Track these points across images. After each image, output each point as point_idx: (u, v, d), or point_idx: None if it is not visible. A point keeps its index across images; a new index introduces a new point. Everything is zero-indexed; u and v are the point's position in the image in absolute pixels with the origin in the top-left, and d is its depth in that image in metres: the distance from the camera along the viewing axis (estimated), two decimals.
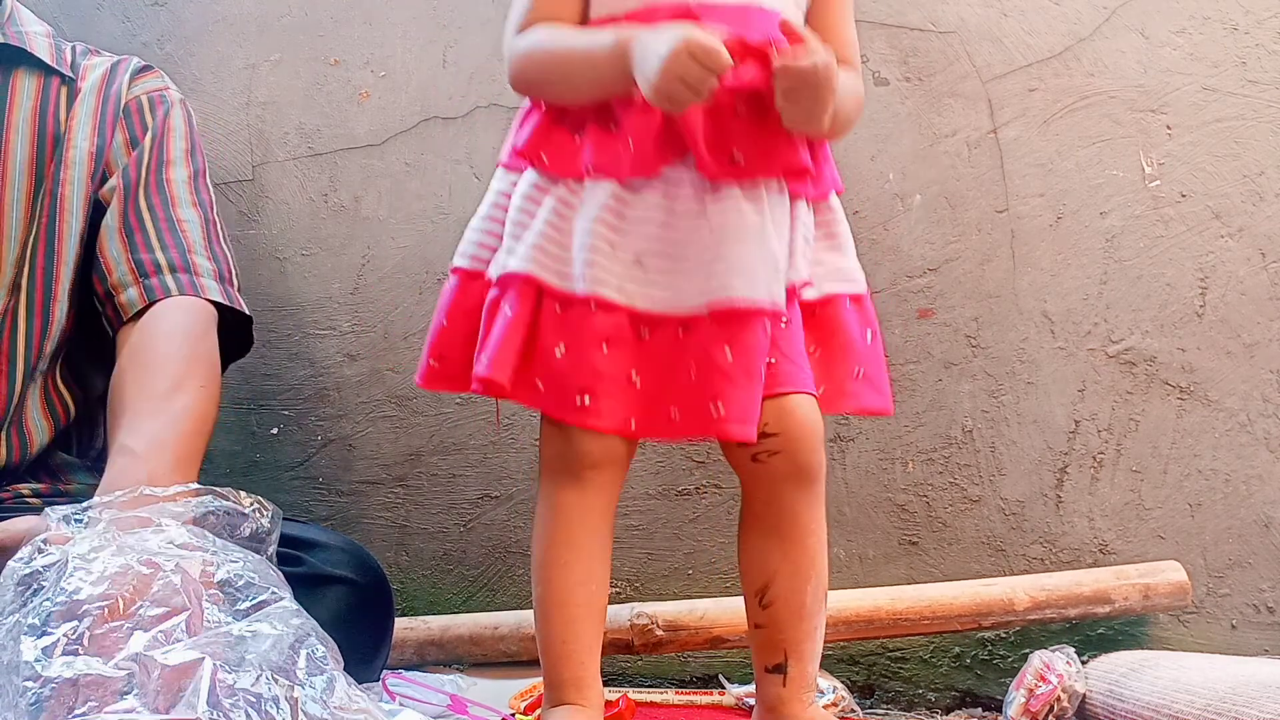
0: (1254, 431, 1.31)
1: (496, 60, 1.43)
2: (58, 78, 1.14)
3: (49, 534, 0.72)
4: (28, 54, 1.13)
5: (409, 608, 1.38)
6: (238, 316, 1.14)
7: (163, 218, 1.12)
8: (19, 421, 1.07)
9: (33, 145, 1.10)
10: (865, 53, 1.38)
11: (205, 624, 0.67)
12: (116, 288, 1.08)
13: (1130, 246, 1.34)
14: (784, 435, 0.91)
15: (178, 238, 1.11)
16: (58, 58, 1.15)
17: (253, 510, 0.79)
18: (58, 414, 1.10)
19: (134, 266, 1.08)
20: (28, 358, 1.07)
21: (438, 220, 1.42)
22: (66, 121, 1.13)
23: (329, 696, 0.67)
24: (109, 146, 1.14)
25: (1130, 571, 1.26)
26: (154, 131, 1.16)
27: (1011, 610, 1.24)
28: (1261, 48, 1.33)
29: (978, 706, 1.30)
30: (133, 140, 1.15)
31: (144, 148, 1.14)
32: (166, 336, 1.04)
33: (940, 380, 1.35)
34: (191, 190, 1.15)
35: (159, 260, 1.09)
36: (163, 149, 1.16)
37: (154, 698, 0.61)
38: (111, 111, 1.15)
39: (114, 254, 1.09)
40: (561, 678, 0.92)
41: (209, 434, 1.01)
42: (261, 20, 1.46)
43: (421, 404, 1.41)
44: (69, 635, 0.63)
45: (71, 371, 1.13)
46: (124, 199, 1.12)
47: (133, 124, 1.16)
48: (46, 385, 1.10)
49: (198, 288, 1.08)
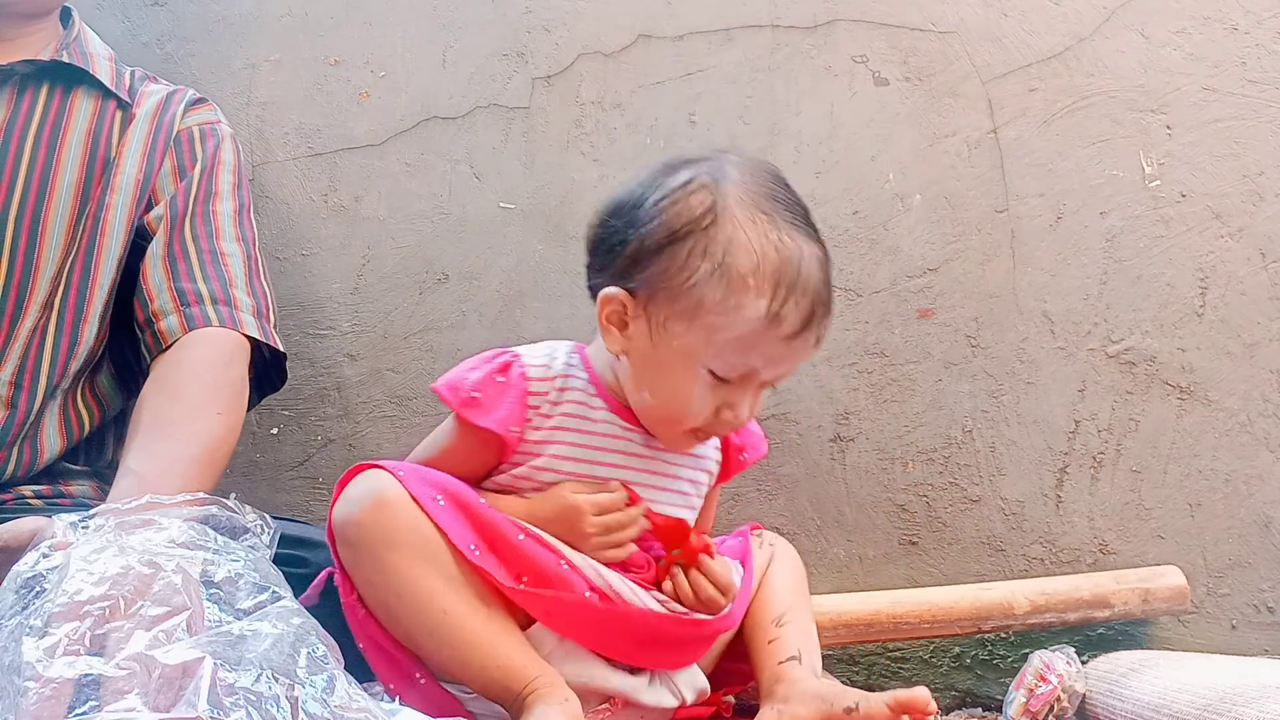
0: (1254, 431, 1.31)
1: (497, 60, 1.43)
2: (114, 101, 1.16)
3: (53, 540, 0.72)
4: (89, 75, 1.15)
5: None
6: (273, 352, 1.15)
7: (206, 249, 1.13)
8: (34, 436, 1.07)
9: (82, 167, 1.12)
10: (865, 53, 1.38)
11: (206, 623, 0.67)
12: (157, 315, 1.09)
13: (1130, 246, 1.34)
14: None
15: (220, 270, 1.12)
16: (117, 82, 1.18)
17: (254, 524, 0.79)
18: (73, 432, 1.11)
19: (176, 295, 1.10)
20: (51, 375, 1.08)
21: (438, 220, 1.42)
22: (118, 146, 1.14)
23: (329, 695, 0.67)
24: (156, 174, 1.15)
25: (1130, 576, 1.26)
26: (203, 163, 1.18)
27: (1011, 614, 1.24)
28: (1261, 48, 1.33)
29: (978, 706, 1.30)
30: (180, 169, 1.16)
31: (193, 179, 1.16)
32: (193, 364, 1.05)
33: (940, 380, 1.35)
34: (236, 224, 1.17)
35: (200, 291, 1.10)
36: (211, 181, 1.18)
37: (155, 696, 0.61)
38: (163, 140, 1.17)
39: (156, 281, 1.11)
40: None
41: (222, 462, 1.02)
42: (261, 20, 1.45)
43: (421, 404, 1.40)
44: (70, 636, 0.63)
45: (93, 391, 1.14)
46: (170, 228, 1.13)
47: (182, 154, 1.18)
48: (66, 403, 1.11)
49: (236, 321, 1.10)
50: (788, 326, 0.90)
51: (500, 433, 0.96)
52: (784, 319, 0.90)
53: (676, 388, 0.94)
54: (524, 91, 1.42)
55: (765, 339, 0.90)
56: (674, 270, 0.91)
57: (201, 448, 0.99)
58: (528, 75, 1.42)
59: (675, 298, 0.92)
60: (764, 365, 0.93)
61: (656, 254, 0.92)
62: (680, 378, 0.93)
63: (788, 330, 0.90)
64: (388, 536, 0.89)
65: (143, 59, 1.36)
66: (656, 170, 0.97)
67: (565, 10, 1.42)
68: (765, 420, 1.36)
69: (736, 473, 1.11)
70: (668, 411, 0.96)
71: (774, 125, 1.39)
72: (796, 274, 0.90)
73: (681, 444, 1.00)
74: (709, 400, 0.94)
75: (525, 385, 0.99)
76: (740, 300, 0.89)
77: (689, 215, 0.92)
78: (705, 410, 0.94)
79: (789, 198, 0.95)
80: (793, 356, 0.93)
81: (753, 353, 0.91)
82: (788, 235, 0.91)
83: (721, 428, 0.97)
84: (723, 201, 0.92)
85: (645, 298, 0.94)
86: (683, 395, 0.94)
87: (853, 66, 1.38)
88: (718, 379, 0.93)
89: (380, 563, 0.89)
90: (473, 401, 0.97)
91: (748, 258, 0.90)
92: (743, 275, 0.89)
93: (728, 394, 0.94)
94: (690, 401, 0.94)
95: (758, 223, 0.91)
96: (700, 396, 0.93)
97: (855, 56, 1.39)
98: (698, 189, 0.93)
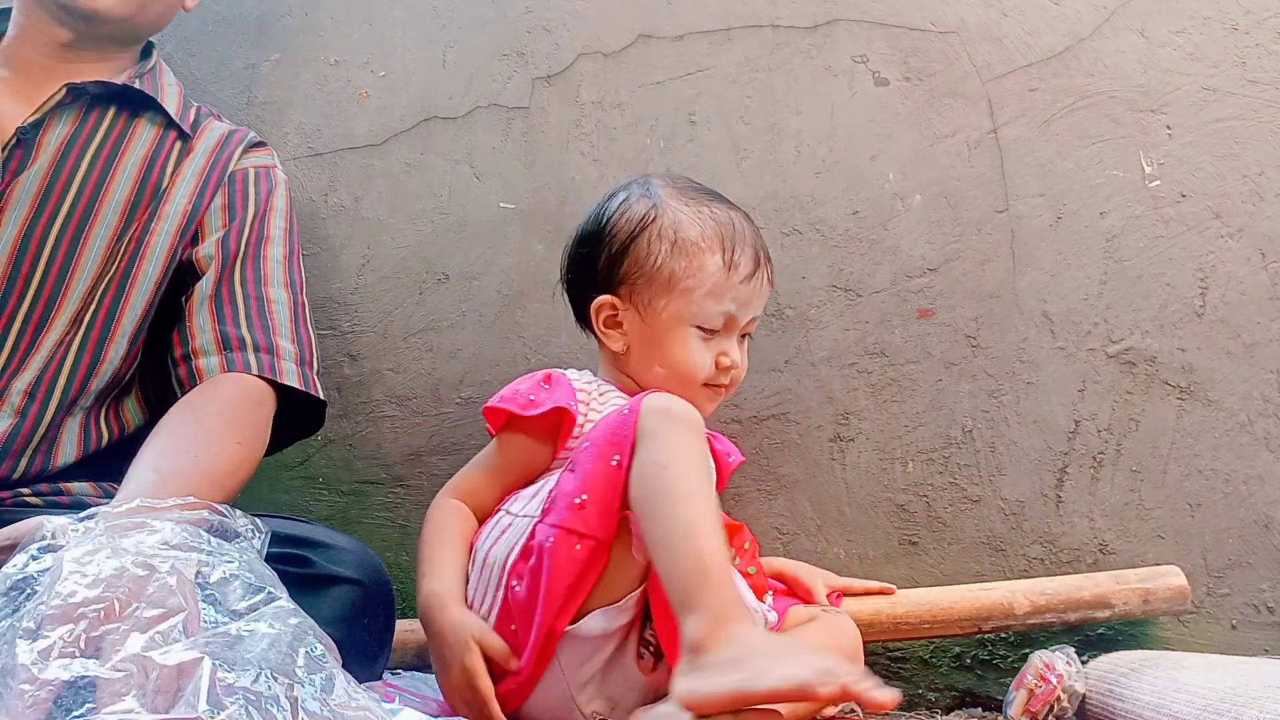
0: (1254, 431, 1.31)
1: (497, 60, 1.43)
2: (175, 131, 1.18)
3: (43, 542, 0.72)
4: (155, 102, 1.17)
5: (409, 607, 1.38)
6: (310, 399, 1.16)
7: (254, 295, 1.14)
8: (48, 448, 1.08)
9: (133, 189, 1.13)
10: (865, 53, 1.38)
11: (202, 624, 0.67)
12: (197, 353, 1.10)
13: (1130, 246, 1.33)
14: None
15: (265, 318, 1.13)
16: (183, 115, 1.19)
17: (245, 529, 0.79)
18: (90, 446, 1.11)
19: (219, 338, 1.10)
20: (67, 390, 1.08)
21: (438, 220, 1.42)
22: (172, 176, 1.16)
23: (328, 694, 0.67)
24: (205, 209, 1.16)
25: (1130, 576, 1.26)
26: (257, 207, 1.19)
27: (1011, 615, 1.24)
28: (1261, 48, 1.33)
29: (978, 706, 1.30)
30: (230, 207, 1.17)
31: (245, 222, 1.17)
32: (220, 397, 1.06)
33: (940, 380, 1.35)
34: (286, 270, 1.18)
35: (244, 337, 1.11)
36: (264, 226, 1.18)
37: (152, 698, 0.61)
38: (216, 177, 1.18)
39: (201, 322, 1.11)
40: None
41: (234, 489, 1.01)
42: (261, 20, 1.46)
43: (421, 404, 1.41)
44: (65, 638, 0.63)
45: (117, 413, 1.14)
46: (220, 270, 1.14)
47: (234, 192, 1.19)
48: (88, 420, 1.11)
49: (276, 370, 1.10)
50: (743, 269, 1.12)
51: (565, 405, 1.07)
52: (738, 265, 1.12)
53: (678, 350, 1.12)
54: (524, 91, 1.42)
55: (730, 285, 1.11)
56: (642, 260, 1.12)
57: (215, 468, 0.98)
58: (528, 75, 1.42)
59: (651, 280, 1.12)
60: (737, 308, 1.12)
61: (624, 254, 1.13)
62: (678, 341, 1.12)
63: (744, 273, 1.12)
64: (688, 417, 0.97)
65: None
66: (600, 203, 1.19)
67: (565, 10, 1.42)
68: (765, 420, 1.36)
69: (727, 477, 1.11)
70: (679, 372, 1.12)
71: (774, 125, 1.39)
72: (733, 229, 1.13)
73: (701, 402, 1.11)
74: (706, 352, 1.12)
75: (570, 383, 1.11)
76: (700, 261, 1.11)
77: (638, 217, 1.13)
78: (706, 361, 1.12)
79: (704, 189, 1.18)
80: (755, 296, 1.14)
81: (725, 299, 1.11)
82: (715, 207, 1.14)
83: (724, 376, 1.14)
84: (658, 199, 1.14)
85: (628, 292, 1.13)
86: (684, 354, 1.12)
87: (853, 66, 1.38)
88: (707, 332, 1.12)
89: (689, 434, 0.96)
90: (530, 403, 1.10)
91: (694, 228, 1.12)
92: (694, 242, 1.11)
93: (719, 344, 1.13)
94: (692, 356, 1.12)
95: (690, 204, 1.14)
96: (697, 349, 1.12)
97: (855, 56, 1.39)
98: (637, 198, 1.15)
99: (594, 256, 1.15)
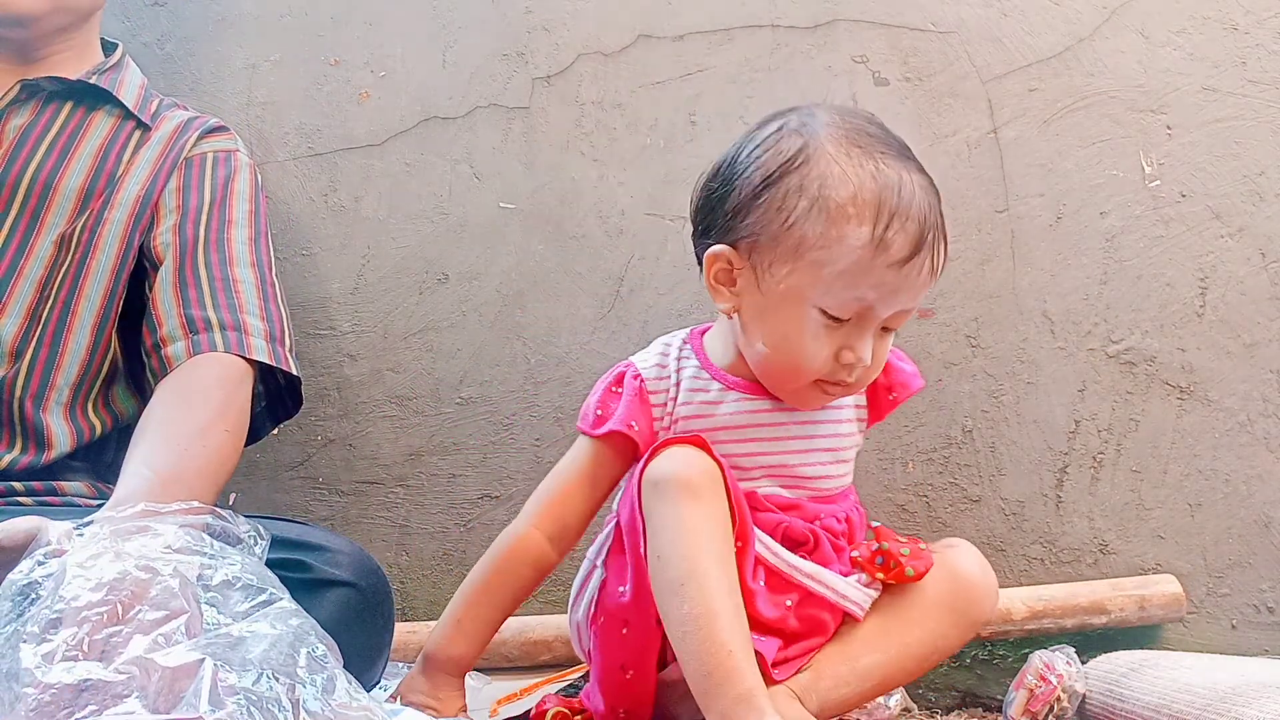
0: (1254, 431, 1.31)
1: (497, 60, 1.43)
2: (133, 121, 1.17)
3: (48, 548, 0.72)
4: (112, 96, 1.16)
5: (409, 608, 1.38)
6: (288, 377, 1.15)
7: (219, 276, 1.13)
8: (37, 442, 1.08)
9: (87, 177, 1.12)
10: (865, 53, 1.38)
11: (204, 626, 0.67)
12: (164, 340, 1.09)
13: (1130, 246, 1.34)
14: None
15: (231, 297, 1.12)
16: (142, 107, 1.19)
17: (247, 535, 0.80)
18: (83, 435, 1.11)
19: (185, 322, 1.10)
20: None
21: (438, 220, 1.42)
22: (127, 164, 1.15)
23: (330, 695, 0.67)
24: (160, 192, 1.15)
25: (1126, 584, 1.27)
26: (214, 193, 1.17)
27: (1009, 620, 1.25)
28: (1261, 48, 1.33)
29: (978, 706, 1.30)
30: (185, 189, 1.16)
31: (204, 207, 1.16)
32: (203, 381, 1.06)
33: (940, 380, 1.35)
34: (252, 250, 1.17)
35: (210, 318, 1.10)
36: (225, 210, 1.17)
37: (155, 700, 0.62)
38: (170, 161, 1.17)
39: (166, 308, 1.11)
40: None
41: (225, 479, 1.02)
42: (261, 20, 1.45)
43: (421, 404, 1.41)
44: (69, 642, 0.64)
45: (107, 404, 1.15)
46: (180, 256, 1.13)
47: (190, 175, 1.18)
48: (74, 412, 1.11)
49: (244, 346, 1.09)
50: (896, 251, 0.89)
51: (622, 429, 0.98)
52: (890, 243, 0.89)
53: (789, 331, 0.93)
54: (524, 91, 1.42)
55: (874, 268, 0.89)
56: (773, 213, 0.92)
57: (208, 462, 0.99)
58: (528, 75, 1.42)
59: (777, 240, 0.92)
60: (877, 298, 0.91)
61: (754, 201, 0.93)
62: (791, 320, 0.93)
63: (896, 256, 0.89)
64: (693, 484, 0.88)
65: (143, 59, 1.36)
66: (750, 129, 0.99)
67: (565, 10, 1.42)
68: None
69: (889, 411, 1.07)
70: (784, 359, 0.94)
71: None
72: (897, 198, 0.90)
73: (808, 399, 0.98)
74: (825, 343, 0.93)
75: (640, 386, 1.00)
76: (842, 231, 0.89)
77: (781, 158, 0.92)
78: (822, 353, 0.93)
79: (884, 134, 0.95)
80: (906, 287, 0.91)
81: (863, 284, 0.90)
82: (885, 164, 0.91)
83: (845, 374, 0.95)
84: (814, 140, 0.92)
85: (748, 248, 0.94)
86: (795, 338, 0.93)
87: (853, 66, 1.38)
88: (832, 319, 0.92)
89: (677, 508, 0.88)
90: (599, 420, 1.00)
91: (845, 188, 0.90)
92: (841, 205, 0.89)
93: (845, 336, 0.93)
94: (805, 343, 0.93)
95: (852, 155, 0.91)
96: (815, 337, 0.92)
97: (855, 56, 1.39)
98: (788, 134, 0.94)
99: (723, 196, 0.96)
